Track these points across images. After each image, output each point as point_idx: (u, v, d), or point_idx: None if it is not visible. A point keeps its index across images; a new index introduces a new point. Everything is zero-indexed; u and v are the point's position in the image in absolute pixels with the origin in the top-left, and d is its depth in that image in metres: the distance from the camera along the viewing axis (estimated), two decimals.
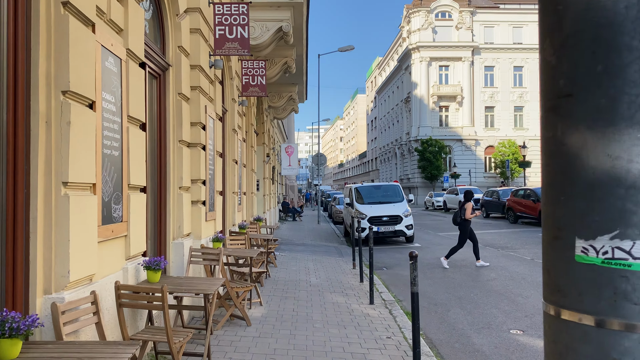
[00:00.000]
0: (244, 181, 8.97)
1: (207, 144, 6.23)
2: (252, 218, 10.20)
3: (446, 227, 19.77)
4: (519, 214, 19.89)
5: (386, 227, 14.00)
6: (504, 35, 48.64)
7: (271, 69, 10.19)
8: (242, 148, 8.74)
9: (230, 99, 8.46)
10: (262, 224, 9.76)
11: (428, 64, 48.26)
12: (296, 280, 8.11)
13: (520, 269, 9.37)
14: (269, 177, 16.14)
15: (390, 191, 15.60)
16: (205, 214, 6.17)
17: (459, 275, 9.06)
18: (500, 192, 23.92)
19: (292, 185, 40.23)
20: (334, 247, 13.42)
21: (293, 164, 25.71)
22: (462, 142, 47.81)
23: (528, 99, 48.20)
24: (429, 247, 13.51)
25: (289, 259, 10.59)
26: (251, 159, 10.56)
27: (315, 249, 12.87)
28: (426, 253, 12.20)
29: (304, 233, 17.50)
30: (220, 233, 6.84)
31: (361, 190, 15.52)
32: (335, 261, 10.69)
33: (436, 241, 14.86)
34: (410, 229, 14.25)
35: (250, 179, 10.46)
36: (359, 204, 14.71)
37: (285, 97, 13.90)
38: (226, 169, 8.33)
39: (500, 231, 17.36)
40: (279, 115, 16.18)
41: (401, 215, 14.15)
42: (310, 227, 20.90)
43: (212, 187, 6.63)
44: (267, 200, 15.19)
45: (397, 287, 8.14)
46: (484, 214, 24.90)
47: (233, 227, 8.03)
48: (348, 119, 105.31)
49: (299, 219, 24.51)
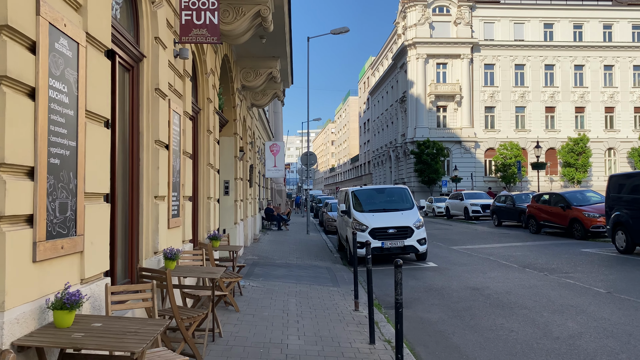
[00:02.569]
0: (186, 179, 5.85)
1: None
2: (207, 234, 7.04)
3: (458, 238, 16.74)
4: (542, 223, 16.94)
5: (393, 241, 10.90)
6: (504, 32, 46.17)
7: (237, 19, 7.09)
8: (182, 127, 5.64)
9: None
10: (218, 244, 6.57)
11: (425, 61, 45.55)
12: (264, 344, 4.95)
13: (608, 313, 6.30)
14: (244, 177, 13.00)
15: (396, 196, 12.52)
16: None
17: (517, 323, 5.97)
18: (516, 197, 20.99)
19: (279, 190, 37.00)
20: (326, 269, 10.29)
21: (279, 164, 22.54)
22: (461, 144, 45.07)
23: (530, 99, 45.70)
24: (449, 267, 10.44)
25: (262, 293, 7.43)
26: (210, 151, 7.44)
27: (301, 272, 9.72)
28: (449, 278, 9.13)
29: (289, 247, 14.34)
30: None
31: (360, 194, 12.42)
32: (329, 295, 7.57)
33: (454, 259, 11.79)
34: (424, 243, 11.18)
35: (208, 179, 7.32)
36: (357, 212, 11.61)
37: (264, 75, 10.80)
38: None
39: (525, 244, 14.38)
40: (259, 101, 13.05)
41: (412, 226, 11.07)
42: (297, 238, 17.74)
43: None
44: (241, 207, 12.03)
45: (431, 350, 5.03)
46: (495, 221, 21.97)
47: (153, 257, 4.86)
48: (340, 122, 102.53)
49: (286, 227, 21.36)
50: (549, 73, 46.05)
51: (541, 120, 45.67)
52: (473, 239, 16.64)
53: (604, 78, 45.98)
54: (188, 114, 6.12)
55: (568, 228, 15.44)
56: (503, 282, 8.53)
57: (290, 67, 12.02)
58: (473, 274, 9.49)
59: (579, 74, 46.05)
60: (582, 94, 45.82)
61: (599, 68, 45.74)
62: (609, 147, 45.67)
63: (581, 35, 46.29)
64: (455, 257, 12.06)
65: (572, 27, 46.35)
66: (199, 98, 7.21)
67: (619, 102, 45.64)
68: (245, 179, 13.08)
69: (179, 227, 5.59)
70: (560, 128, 45.22)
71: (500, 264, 10.63)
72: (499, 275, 9.23)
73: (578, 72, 46.04)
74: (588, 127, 45.59)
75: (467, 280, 8.92)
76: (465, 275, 9.39)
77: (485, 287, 8.21)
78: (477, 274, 9.55)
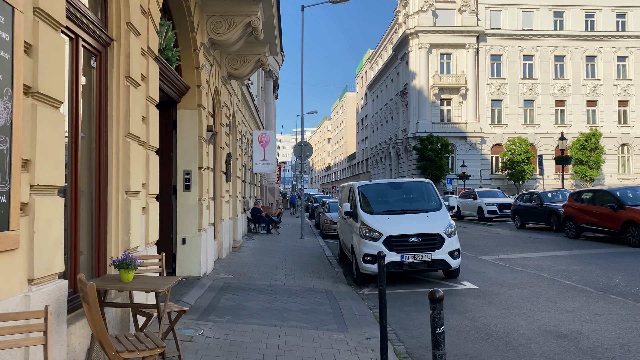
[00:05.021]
0: (39, 146, 2.90)
1: None
2: (111, 259, 4.01)
3: (482, 244, 13.83)
4: (583, 226, 14.06)
5: (416, 254, 7.95)
6: (512, 20, 43.41)
7: None
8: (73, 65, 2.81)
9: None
10: (132, 276, 3.50)
11: (428, 51, 42.69)
12: None
13: None
14: (219, 168, 10.01)
15: (416, 192, 9.55)
16: None
17: None
18: (542, 195, 18.13)
19: (271, 188, 33.97)
20: (326, 295, 7.31)
21: (269, 158, 19.57)
22: (466, 139, 42.28)
23: (539, 91, 42.98)
24: (496, 291, 7.52)
25: (219, 356, 4.46)
26: (136, 113, 4.48)
27: (290, 301, 6.75)
28: (509, 313, 6.20)
29: (277, 257, 11.38)
30: None
31: (369, 191, 9.46)
32: (333, 350, 4.62)
33: (495, 275, 8.87)
34: (457, 256, 8.25)
35: (128, 160, 4.32)
36: (366, 214, 8.66)
37: (241, 26, 7.81)
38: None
39: (572, 253, 11.50)
40: (238, 69, 10.03)
41: (442, 233, 8.12)
42: (289, 244, 14.77)
43: None
44: (211, 207, 9.07)
45: None
46: (517, 223, 19.11)
47: None
48: (336, 119, 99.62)
49: (276, 230, 18.39)
50: (559, 64, 43.35)
51: (551, 114, 42.96)
52: (501, 245, 13.75)
53: (617, 70, 43.32)
54: (60, 25, 3.15)
55: (621, 232, 12.57)
56: (596, 323, 5.62)
57: (277, 21, 9.06)
58: (538, 304, 6.57)
59: (590, 65, 43.36)
60: (594, 87, 43.13)
61: (612, 59, 43.07)
62: (622, 143, 43.03)
63: (593, 25, 43.60)
64: (494, 273, 9.14)
65: (584, 15, 43.66)
66: (110, 19, 4.24)
67: (632, 96, 42.97)
68: (220, 170, 10.10)
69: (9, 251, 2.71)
70: (570, 123, 42.51)
71: (566, 286, 7.72)
72: (579, 308, 6.32)
73: (590, 64, 43.35)
74: (600, 121, 42.93)
75: (537, 316, 5.99)
76: (528, 307, 6.47)
77: (576, 332, 5.28)
78: (543, 303, 6.64)
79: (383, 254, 4.15)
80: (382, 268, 3.97)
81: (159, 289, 3.31)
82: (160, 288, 3.32)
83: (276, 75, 35.00)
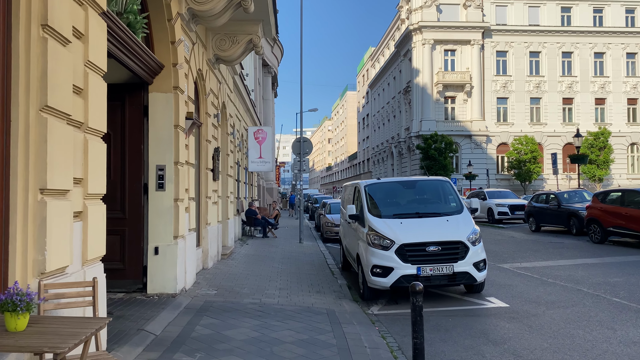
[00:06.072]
0: None
1: None
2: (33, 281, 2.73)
3: (500, 250, 12.53)
4: (611, 230, 12.75)
5: (436, 265, 6.65)
6: (518, 16, 42.10)
7: None
8: None
9: None
10: (25, 324, 2.22)
11: (432, 47, 41.39)
12: None
13: None
14: (205, 164, 8.71)
15: (432, 193, 8.24)
16: None
17: None
18: (560, 195, 16.82)
19: (270, 188, 32.65)
20: (327, 317, 6.00)
21: (266, 156, 18.21)
22: (471, 138, 40.99)
23: (546, 89, 41.68)
24: (533, 312, 6.22)
25: None
26: (56, 73, 3.15)
27: (282, 328, 5.44)
28: (558, 345, 4.89)
29: (271, 267, 10.07)
30: None
31: (377, 191, 8.13)
32: None
33: (524, 289, 7.57)
34: (483, 268, 6.95)
35: (64, 153, 3.02)
36: (375, 218, 7.36)
37: None
38: None
39: (604, 261, 10.22)
40: (226, 51, 8.72)
41: (465, 241, 6.83)
42: (286, 250, 13.47)
43: None
44: (192, 209, 7.77)
45: None
46: (532, 226, 17.80)
47: None
48: (337, 118, 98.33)
49: (273, 234, 17.07)
50: (567, 61, 42.04)
51: (558, 112, 41.65)
52: (520, 250, 12.47)
53: (626, 66, 42.00)
54: None
55: None
56: None
57: None
58: (593, 332, 5.27)
59: (599, 62, 42.04)
60: (602, 84, 41.81)
61: (621, 56, 41.75)
62: (632, 142, 41.72)
63: (601, 20, 42.29)
64: (523, 286, 7.84)
65: (592, 11, 42.34)
66: None
67: None
68: (205, 167, 8.80)
69: None
70: (578, 121, 41.13)
71: (615, 305, 6.42)
72: None
73: (598, 60, 42.02)
74: (609, 120, 41.62)
75: (597, 349, 4.69)
76: (580, 335, 5.17)
77: None
78: (598, 329, 5.34)
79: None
80: (418, 308, 2.65)
81: (56, 348, 2.02)
82: (59, 346, 2.02)
83: (275, 71, 33.72)
